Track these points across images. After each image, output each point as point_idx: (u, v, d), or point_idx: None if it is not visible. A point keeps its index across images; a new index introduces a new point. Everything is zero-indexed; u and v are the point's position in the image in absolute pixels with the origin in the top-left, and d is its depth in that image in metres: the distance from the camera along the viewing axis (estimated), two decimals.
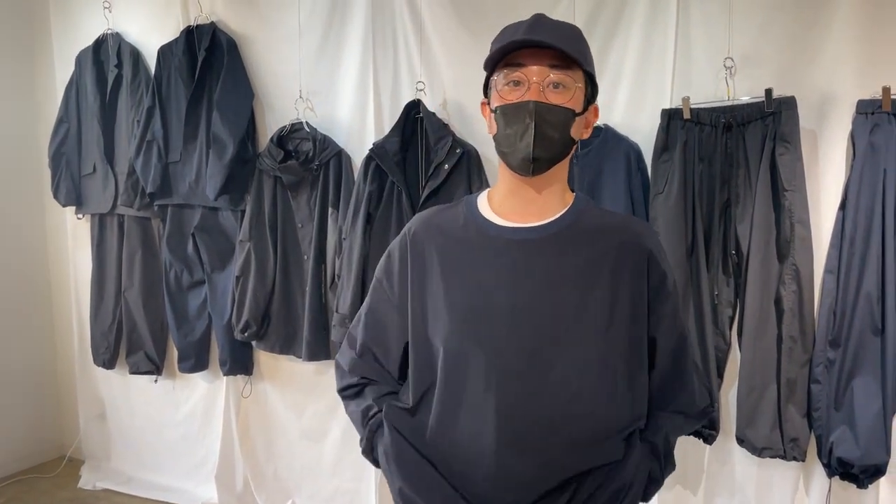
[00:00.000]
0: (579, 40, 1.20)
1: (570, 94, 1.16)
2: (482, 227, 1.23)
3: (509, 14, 2.58)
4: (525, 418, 1.15)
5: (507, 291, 1.18)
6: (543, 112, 1.14)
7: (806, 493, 2.33)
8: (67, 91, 3.43)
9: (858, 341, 2.09)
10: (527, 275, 1.18)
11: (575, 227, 1.21)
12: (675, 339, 1.28)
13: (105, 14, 3.31)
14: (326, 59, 2.92)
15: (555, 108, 1.15)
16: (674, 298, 1.27)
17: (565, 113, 1.16)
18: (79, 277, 3.67)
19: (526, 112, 1.14)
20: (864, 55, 2.13)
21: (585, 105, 1.20)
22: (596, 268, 1.19)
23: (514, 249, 1.19)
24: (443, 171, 2.53)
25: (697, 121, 2.26)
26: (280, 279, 2.94)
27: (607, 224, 1.24)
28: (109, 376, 3.60)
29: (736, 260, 2.27)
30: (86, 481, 3.60)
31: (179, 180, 3.12)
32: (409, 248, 1.28)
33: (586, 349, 1.17)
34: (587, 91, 1.20)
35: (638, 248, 1.22)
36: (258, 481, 3.25)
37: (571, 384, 1.16)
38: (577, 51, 1.16)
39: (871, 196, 2.06)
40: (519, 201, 1.23)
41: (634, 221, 1.30)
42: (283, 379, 3.16)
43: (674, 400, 1.30)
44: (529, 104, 1.14)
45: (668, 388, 1.29)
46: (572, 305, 1.17)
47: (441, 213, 1.31)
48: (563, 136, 1.17)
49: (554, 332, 1.16)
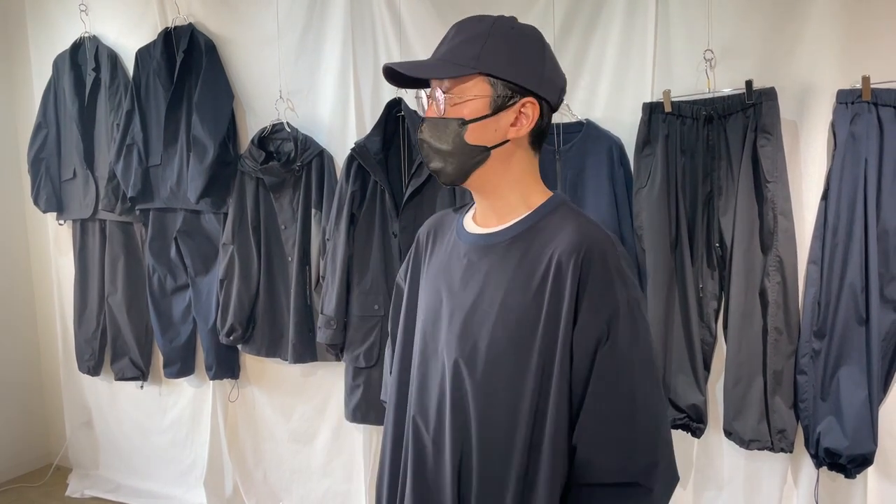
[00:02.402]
0: (475, 41, 1.13)
1: (457, 104, 1.14)
2: (459, 232, 1.28)
3: (488, 10, 2.56)
4: (459, 415, 1.18)
5: (454, 294, 1.22)
6: (426, 127, 1.18)
7: (794, 484, 2.33)
8: (45, 96, 3.40)
9: (843, 331, 2.09)
10: (471, 279, 1.20)
11: (529, 232, 1.17)
12: (602, 362, 1.10)
13: (82, 17, 3.27)
14: (306, 59, 2.90)
15: (437, 119, 1.17)
16: (605, 315, 1.10)
17: (446, 122, 1.15)
18: (62, 284, 3.64)
19: (419, 130, 1.21)
20: (844, 45, 2.12)
21: (499, 106, 1.13)
22: (528, 275, 1.14)
23: (470, 254, 1.22)
24: (425, 170, 2.52)
25: (679, 114, 2.25)
26: (264, 282, 2.92)
27: (559, 229, 1.16)
28: (95, 383, 3.57)
29: (720, 252, 2.26)
30: (74, 489, 3.58)
31: (160, 184, 3.09)
32: (416, 246, 1.38)
33: (505, 354, 1.15)
34: (496, 91, 1.13)
35: (573, 256, 1.11)
36: (247, 485, 3.23)
37: (489, 386, 1.15)
38: (463, 55, 1.12)
39: (852, 186, 2.06)
40: (479, 207, 1.26)
41: (588, 227, 1.16)
42: (270, 382, 3.14)
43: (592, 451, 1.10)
44: (421, 122, 1.20)
45: (589, 427, 1.11)
46: (496, 317, 1.15)
47: (447, 215, 1.37)
48: (456, 146, 1.15)
49: (480, 334, 1.16)
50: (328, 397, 3.00)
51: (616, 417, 1.09)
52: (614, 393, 1.10)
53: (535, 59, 1.17)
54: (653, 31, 2.35)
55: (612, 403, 1.10)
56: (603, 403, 1.10)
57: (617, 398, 1.09)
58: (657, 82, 2.35)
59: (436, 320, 1.24)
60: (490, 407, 1.15)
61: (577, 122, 2.43)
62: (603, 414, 1.10)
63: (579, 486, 1.12)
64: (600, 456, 1.10)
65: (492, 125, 1.15)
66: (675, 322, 2.29)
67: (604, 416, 1.10)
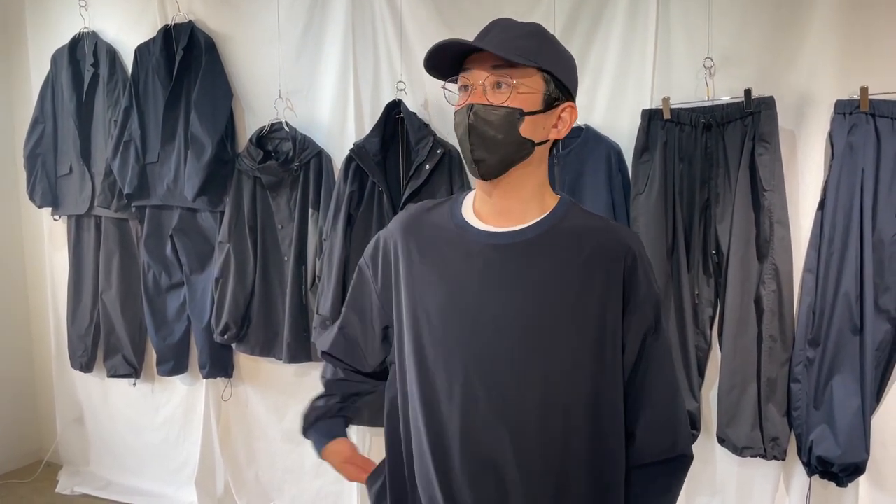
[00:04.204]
0: (531, 38, 1.15)
1: (517, 94, 1.13)
2: (461, 228, 1.23)
3: (490, 13, 2.56)
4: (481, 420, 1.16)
5: (475, 294, 1.18)
6: (481, 112, 1.13)
7: (786, 491, 2.34)
8: (43, 90, 3.38)
9: (837, 340, 2.10)
10: (496, 279, 1.17)
11: (551, 232, 1.18)
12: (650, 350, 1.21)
13: (81, 12, 3.26)
14: (306, 58, 2.90)
15: (493, 107, 1.13)
16: (651, 307, 1.20)
17: (507, 111, 1.13)
18: (55, 280, 3.61)
19: (466, 114, 1.14)
20: (843, 56, 2.14)
21: (548, 104, 1.16)
22: (567, 275, 1.16)
23: (488, 253, 1.19)
24: (424, 172, 2.52)
25: (677, 121, 2.26)
26: (260, 281, 2.92)
27: (586, 228, 1.20)
28: (87, 380, 3.55)
29: (716, 260, 2.27)
30: (63, 486, 3.55)
31: (157, 181, 3.08)
32: (394, 238, 1.29)
33: (548, 356, 1.15)
34: (548, 89, 1.16)
35: (616, 252, 1.18)
36: (239, 485, 3.22)
37: (528, 391, 1.15)
38: (524, 48, 1.13)
39: (849, 196, 2.07)
40: (492, 206, 1.21)
41: (616, 225, 1.25)
42: (264, 381, 3.13)
43: (642, 424, 1.21)
44: (468, 107, 1.14)
45: (646, 413, 1.21)
46: (535, 313, 1.16)
47: (430, 209, 1.31)
48: (509, 137, 1.14)
49: (515, 337, 1.16)
50: None
51: (667, 401, 1.22)
52: (663, 379, 1.22)
53: (573, 69, 1.23)
54: (653, 37, 2.36)
55: (662, 389, 1.22)
56: (655, 390, 1.21)
57: (666, 384, 1.22)
58: (656, 89, 2.36)
59: (446, 319, 1.19)
60: (548, 397, 1.15)
61: (576, 126, 2.43)
62: (655, 399, 1.21)
63: (635, 468, 1.21)
64: (657, 438, 1.21)
65: (541, 122, 1.17)
66: (670, 328, 2.30)
67: (656, 400, 1.21)
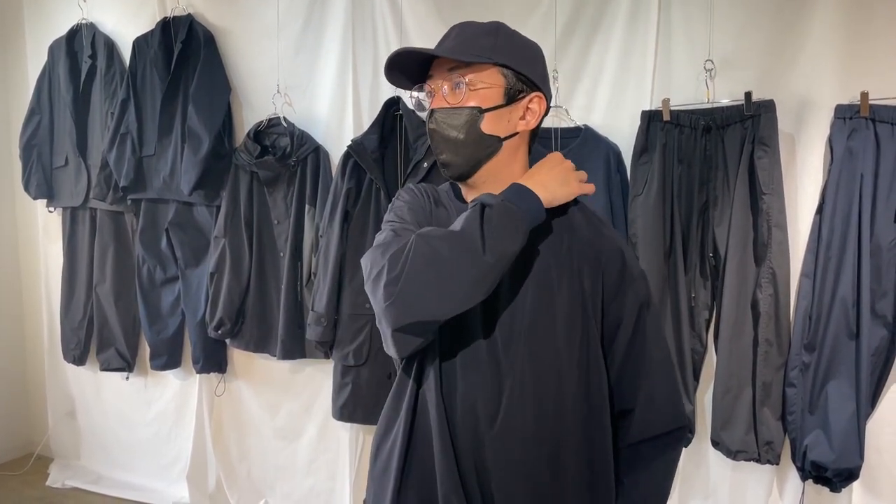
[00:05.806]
0: (487, 35, 1.16)
1: (472, 92, 1.14)
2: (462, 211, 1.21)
3: (490, 9, 2.55)
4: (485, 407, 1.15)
5: None
6: (440, 116, 1.16)
7: (780, 496, 2.33)
8: (40, 81, 3.36)
9: (833, 345, 2.10)
10: None
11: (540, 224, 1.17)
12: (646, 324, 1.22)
13: (79, 3, 3.24)
14: (305, 54, 2.88)
15: (451, 109, 1.15)
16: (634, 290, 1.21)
17: (465, 111, 1.14)
18: (49, 272, 3.60)
19: (428, 120, 1.17)
20: (843, 61, 2.13)
21: (511, 97, 1.16)
22: (555, 266, 1.17)
23: None
24: (422, 169, 2.51)
25: (677, 123, 2.25)
26: (255, 276, 2.90)
27: (570, 220, 1.22)
28: (80, 373, 3.54)
29: (713, 263, 2.27)
30: (54, 479, 3.53)
31: (153, 174, 3.07)
32: (430, 193, 1.27)
33: (540, 342, 1.16)
34: (508, 82, 1.16)
35: (610, 243, 1.21)
36: (231, 481, 3.20)
37: (526, 374, 1.15)
38: (479, 47, 1.14)
39: (847, 201, 2.07)
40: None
41: (601, 220, 1.27)
42: (258, 377, 3.12)
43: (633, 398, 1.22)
44: (429, 112, 1.17)
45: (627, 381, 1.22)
46: (532, 302, 1.16)
47: (440, 192, 1.30)
48: (470, 136, 1.15)
49: (514, 326, 1.16)
50: (315, 395, 2.98)
51: (664, 375, 1.23)
52: (659, 354, 1.23)
53: (538, 60, 1.23)
54: (654, 39, 2.35)
55: (661, 361, 1.23)
56: (655, 362, 1.22)
57: (662, 359, 1.23)
58: (656, 90, 2.35)
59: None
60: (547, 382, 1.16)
61: (575, 127, 2.43)
62: (656, 371, 1.22)
63: (635, 444, 1.22)
64: (663, 409, 1.22)
65: (505, 116, 1.17)
66: (666, 330, 2.29)
67: (657, 373, 1.22)
